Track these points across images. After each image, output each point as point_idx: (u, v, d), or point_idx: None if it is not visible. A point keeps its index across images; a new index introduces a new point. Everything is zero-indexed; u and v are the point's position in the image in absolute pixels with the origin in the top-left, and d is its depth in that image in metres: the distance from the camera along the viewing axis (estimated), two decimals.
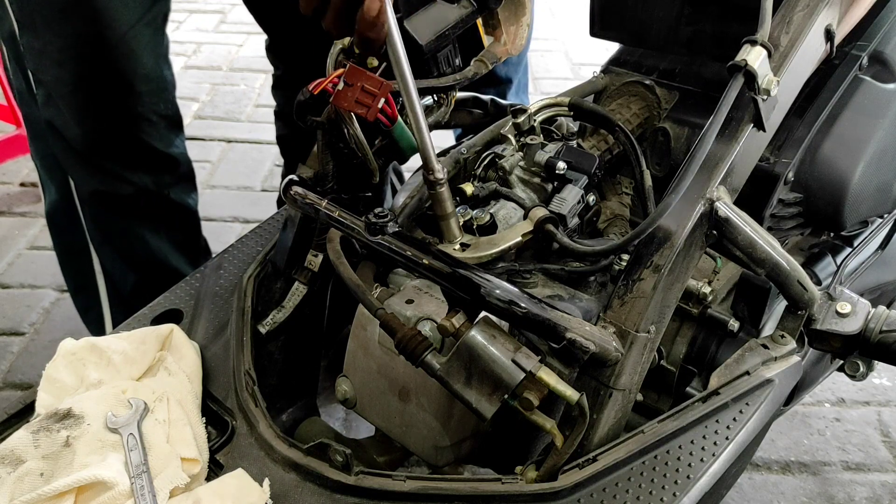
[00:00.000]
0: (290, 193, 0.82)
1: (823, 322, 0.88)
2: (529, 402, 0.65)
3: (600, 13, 1.05)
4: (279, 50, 1.77)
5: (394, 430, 0.84)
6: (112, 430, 0.76)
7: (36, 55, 1.22)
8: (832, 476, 1.50)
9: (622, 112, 1.04)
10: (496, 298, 0.67)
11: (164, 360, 0.86)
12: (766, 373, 0.80)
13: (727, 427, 0.75)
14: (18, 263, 2.07)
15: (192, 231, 1.56)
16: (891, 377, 1.72)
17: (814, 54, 0.85)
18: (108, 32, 1.20)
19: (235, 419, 0.82)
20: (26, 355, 1.76)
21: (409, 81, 0.72)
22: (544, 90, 3.01)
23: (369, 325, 0.82)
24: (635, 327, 0.71)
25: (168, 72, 1.35)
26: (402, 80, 0.73)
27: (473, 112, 1.08)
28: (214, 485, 0.74)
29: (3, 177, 2.43)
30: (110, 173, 1.34)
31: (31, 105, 1.32)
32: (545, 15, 3.69)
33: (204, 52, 3.33)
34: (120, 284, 1.46)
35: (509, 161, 0.90)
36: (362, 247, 0.81)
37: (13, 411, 0.83)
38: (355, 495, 0.73)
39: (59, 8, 1.17)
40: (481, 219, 0.82)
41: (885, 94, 1.01)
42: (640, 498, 0.70)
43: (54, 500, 0.69)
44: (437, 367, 0.68)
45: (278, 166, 2.54)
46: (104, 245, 1.43)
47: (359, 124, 0.86)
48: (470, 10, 0.91)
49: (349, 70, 0.79)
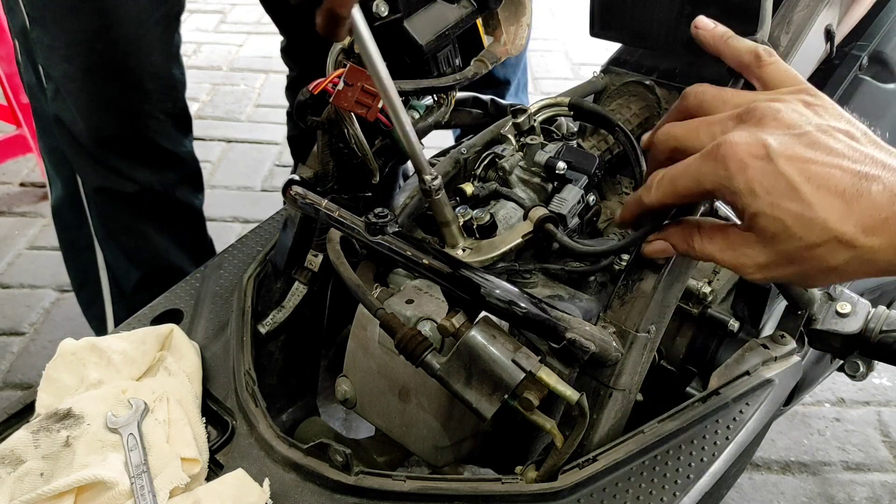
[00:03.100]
0: (290, 193, 0.82)
1: (823, 322, 0.88)
2: (529, 402, 0.65)
3: (600, 13, 1.05)
4: (295, 52, 1.78)
5: (394, 430, 0.84)
6: (112, 430, 0.76)
7: (45, 50, 1.23)
8: (832, 476, 1.50)
9: (622, 112, 1.04)
10: (496, 298, 0.67)
11: (164, 360, 0.86)
12: (766, 373, 0.80)
13: (727, 427, 0.75)
14: (18, 263, 2.07)
15: (196, 231, 1.56)
16: (891, 377, 1.72)
17: (814, 54, 0.85)
18: (116, 29, 1.20)
19: (235, 419, 0.82)
20: (26, 355, 1.77)
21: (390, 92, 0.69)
22: (544, 90, 3.02)
23: (369, 325, 0.82)
24: (635, 327, 0.71)
25: (177, 70, 1.35)
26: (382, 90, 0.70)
27: (473, 112, 1.08)
28: (214, 485, 0.74)
29: (3, 177, 2.43)
30: (115, 170, 1.34)
31: (40, 99, 1.32)
32: (545, 15, 3.69)
33: (204, 52, 3.33)
34: (123, 281, 1.46)
35: (509, 161, 0.90)
36: (362, 247, 0.81)
37: (13, 411, 0.83)
38: (355, 495, 0.73)
39: (69, 3, 1.17)
40: (481, 219, 0.82)
41: (885, 94, 1.01)
42: (640, 498, 0.70)
43: (54, 500, 0.69)
44: (437, 367, 0.68)
45: (278, 166, 2.54)
46: (108, 241, 1.43)
47: (359, 124, 0.86)
48: (470, 10, 0.91)
49: (349, 70, 0.79)
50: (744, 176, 0.55)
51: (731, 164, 0.55)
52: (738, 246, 0.59)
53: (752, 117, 0.58)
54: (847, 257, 0.54)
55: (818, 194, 0.53)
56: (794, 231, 0.54)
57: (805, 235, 0.54)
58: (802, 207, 0.54)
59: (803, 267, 0.56)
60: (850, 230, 0.53)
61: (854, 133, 0.57)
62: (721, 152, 0.56)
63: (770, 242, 0.56)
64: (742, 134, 0.56)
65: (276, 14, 1.68)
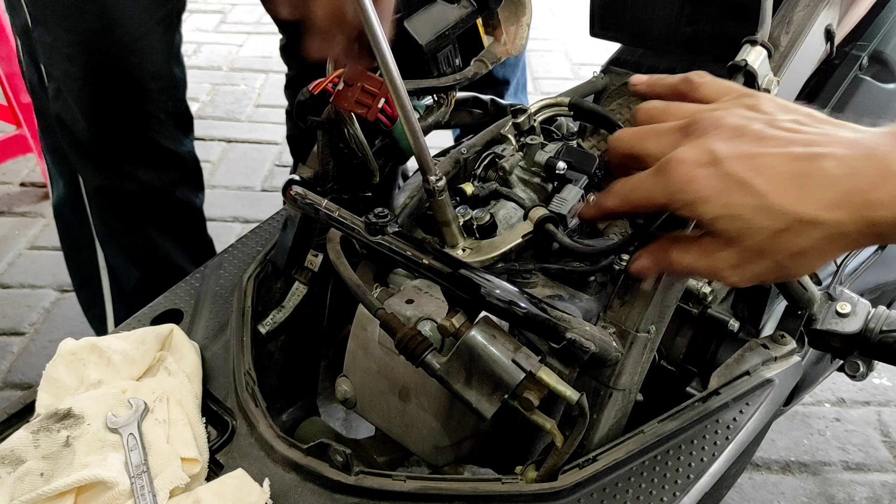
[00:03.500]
0: (290, 193, 0.82)
1: (823, 322, 0.89)
2: (529, 402, 0.65)
3: (600, 13, 1.05)
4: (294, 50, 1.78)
5: (394, 430, 0.84)
6: (112, 430, 0.76)
7: (47, 49, 1.23)
8: (832, 476, 1.50)
9: (622, 112, 1.04)
10: (496, 298, 0.67)
11: (164, 360, 0.86)
12: (766, 373, 0.80)
13: (727, 427, 0.75)
14: (18, 263, 2.07)
15: (197, 230, 1.56)
16: (891, 377, 1.72)
17: (814, 54, 0.85)
18: (118, 29, 1.20)
19: (235, 419, 0.82)
20: (26, 355, 1.77)
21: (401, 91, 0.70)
22: (544, 90, 3.02)
23: (369, 325, 0.82)
24: (635, 327, 0.71)
25: (179, 70, 1.35)
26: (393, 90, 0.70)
27: (473, 112, 1.08)
28: (214, 485, 0.74)
29: (3, 177, 2.43)
30: (116, 169, 1.34)
31: (42, 98, 1.33)
32: (545, 15, 3.69)
33: (204, 52, 3.33)
34: (123, 280, 1.47)
35: (509, 161, 0.90)
36: (362, 247, 0.81)
37: (13, 411, 0.83)
38: (355, 495, 0.73)
39: (71, 3, 1.17)
40: (481, 219, 0.82)
41: (885, 94, 1.01)
42: (640, 498, 0.70)
43: (54, 500, 0.69)
44: (437, 367, 0.68)
45: (278, 166, 2.54)
46: (109, 240, 1.43)
47: (359, 124, 0.86)
48: (470, 10, 0.91)
49: (349, 70, 0.79)
50: (694, 186, 0.56)
51: (680, 178, 0.57)
52: (710, 252, 0.59)
53: (696, 129, 0.59)
54: (815, 237, 0.55)
55: (770, 183, 0.54)
56: (755, 222, 0.55)
57: (767, 224, 0.55)
58: (757, 199, 0.55)
59: (775, 257, 0.56)
60: (810, 209, 0.54)
61: (800, 119, 0.59)
62: (669, 168, 0.58)
63: (735, 241, 0.57)
64: (687, 148, 0.58)
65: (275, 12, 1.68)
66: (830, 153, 0.55)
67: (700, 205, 0.56)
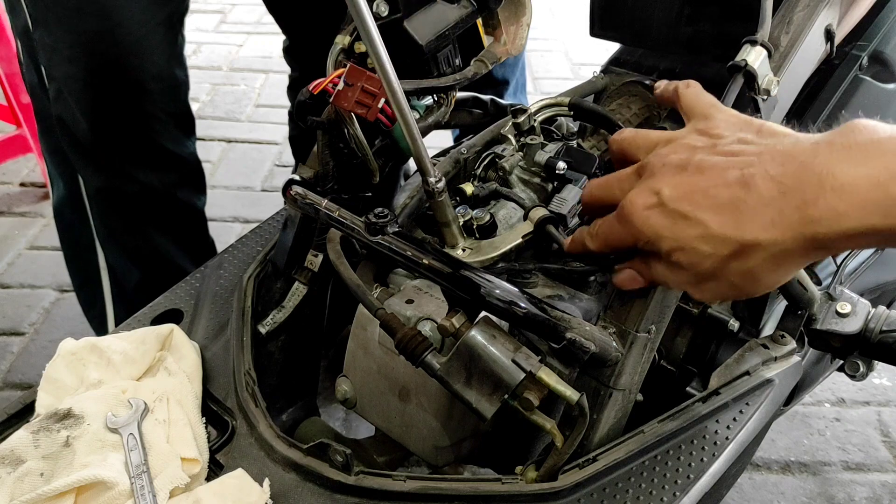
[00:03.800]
0: (290, 193, 0.82)
1: (823, 322, 0.89)
2: (529, 402, 0.65)
3: (600, 13, 1.05)
4: (297, 52, 1.78)
5: (394, 430, 0.84)
6: (112, 430, 0.76)
7: (48, 50, 1.23)
8: (832, 476, 1.50)
9: (622, 112, 1.04)
10: (496, 298, 0.67)
11: (164, 360, 0.86)
12: (766, 373, 0.80)
13: (727, 427, 0.75)
14: (18, 263, 2.07)
15: (198, 231, 1.56)
16: (891, 377, 1.72)
17: (814, 54, 0.85)
18: (119, 30, 1.20)
19: (235, 419, 0.82)
20: (26, 355, 1.77)
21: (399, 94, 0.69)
22: (544, 90, 3.02)
23: (369, 325, 0.82)
24: (635, 327, 0.71)
25: (180, 71, 1.35)
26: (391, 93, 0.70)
27: (473, 112, 1.08)
28: (214, 485, 0.74)
29: (3, 177, 2.43)
30: (117, 170, 1.34)
31: (42, 100, 1.32)
32: (545, 15, 3.69)
33: (204, 52, 3.33)
34: (123, 281, 1.46)
35: (509, 161, 0.90)
36: (362, 247, 0.81)
37: (13, 411, 0.83)
38: (355, 495, 0.73)
39: (72, 4, 1.17)
40: (481, 219, 0.82)
41: (885, 94, 1.01)
42: (640, 498, 0.70)
43: (54, 500, 0.69)
44: (437, 367, 0.68)
45: (278, 166, 2.54)
46: (109, 241, 1.43)
47: (359, 124, 0.86)
48: (470, 10, 0.91)
49: (349, 70, 0.78)
50: (647, 226, 0.62)
51: (636, 221, 0.63)
52: (676, 272, 0.64)
53: (645, 171, 0.65)
54: (760, 258, 0.58)
55: (709, 214, 0.59)
56: (703, 251, 0.60)
57: (714, 251, 0.59)
58: (700, 229, 0.59)
59: (728, 278, 0.61)
60: (749, 234, 0.57)
61: (747, 137, 0.62)
62: (625, 213, 0.64)
63: (690, 268, 0.62)
64: (637, 192, 0.63)
65: (278, 14, 1.68)
66: (764, 173, 0.57)
67: (657, 241, 0.62)
